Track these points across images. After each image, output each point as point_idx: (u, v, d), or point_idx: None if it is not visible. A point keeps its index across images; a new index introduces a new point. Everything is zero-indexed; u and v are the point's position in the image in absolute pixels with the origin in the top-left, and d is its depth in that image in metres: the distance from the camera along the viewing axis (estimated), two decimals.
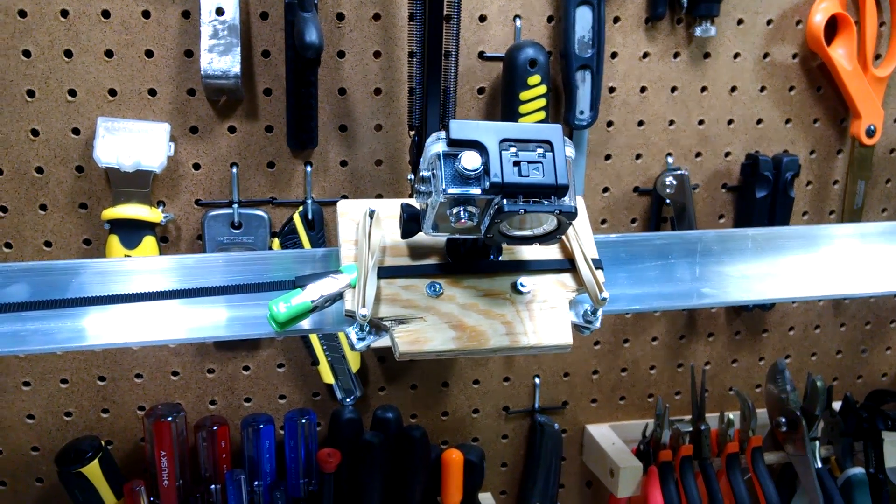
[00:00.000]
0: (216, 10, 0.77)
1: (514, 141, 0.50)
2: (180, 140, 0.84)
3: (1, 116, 0.80)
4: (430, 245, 0.60)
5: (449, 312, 0.57)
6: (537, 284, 0.59)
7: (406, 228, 0.56)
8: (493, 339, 0.56)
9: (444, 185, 0.50)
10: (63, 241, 0.85)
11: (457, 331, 0.56)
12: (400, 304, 0.57)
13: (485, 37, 0.87)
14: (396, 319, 0.56)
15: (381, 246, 0.59)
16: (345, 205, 0.61)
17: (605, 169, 0.95)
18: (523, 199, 0.49)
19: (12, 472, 0.91)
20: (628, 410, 1.06)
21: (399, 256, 0.59)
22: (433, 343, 0.55)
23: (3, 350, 0.58)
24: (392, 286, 0.57)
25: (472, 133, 0.50)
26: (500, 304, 0.58)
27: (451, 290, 0.58)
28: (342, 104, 0.86)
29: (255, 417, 0.91)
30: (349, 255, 0.58)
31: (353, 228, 0.59)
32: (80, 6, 0.78)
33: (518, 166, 0.49)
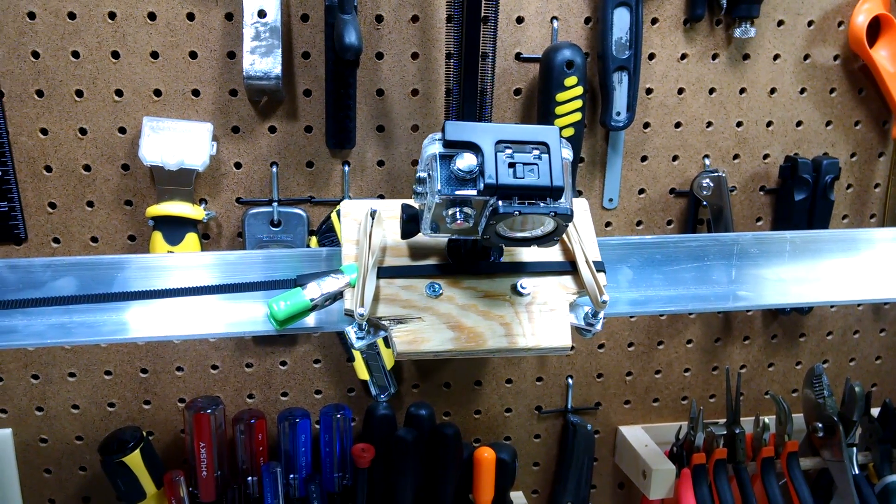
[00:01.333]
0: (258, 12, 0.79)
1: (510, 142, 0.50)
2: (222, 139, 0.86)
3: (50, 115, 0.83)
4: (431, 246, 0.60)
5: (447, 313, 0.57)
6: (538, 286, 0.59)
7: (405, 229, 0.57)
8: (491, 341, 0.56)
9: (438, 187, 0.50)
10: (109, 237, 0.87)
11: (455, 331, 0.56)
12: (399, 303, 0.57)
13: (522, 38, 0.88)
14: (395, 319, 0.56)
15: (381, 246, 0.59)
16: (348, 205, 0.61)
17: (641, 170, 0.95)
18: (518, 200, 0.49)
19: (57, 459, 0.94)
20: (662, 412, 1.06)
21: (400, 257, 0.59)
22: (431, 343, 0.56)
23: (52, 341, 0.60)
24: (392, 286, 0.58)
25: (467, 134, 0.50)
26: (500, 306, 0.58)
27: (451, 291, 0.58)
28: (380, 105, 0.87)
29: (291, 411, 0.93)
30: (350, 255, 0.59)
31: (356, 228, 0.60)
32: (127, 8, 0.81)
33: (513, 168, 0.49)
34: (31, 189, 0.84)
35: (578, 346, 1.00)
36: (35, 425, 0.92)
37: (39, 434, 0.93)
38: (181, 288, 0.61)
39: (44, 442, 0.93)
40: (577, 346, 1.01)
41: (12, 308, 0.60)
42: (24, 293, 0.61)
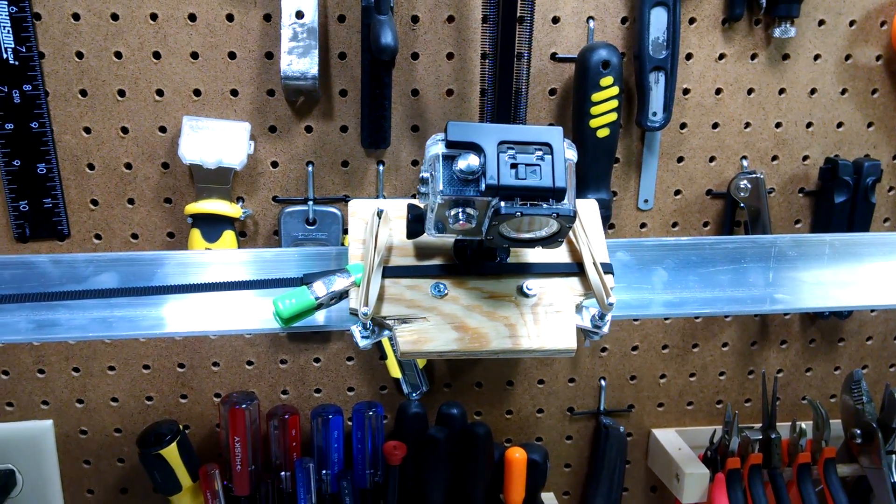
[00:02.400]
0: (296, 13, 0.80)
1: (514, 143, 0.50)
2: (259, 139, 0.87)
3: (94, 114, 0.84)
4: (437, 246, 0.60)
5: (452, 313, 0.57)
6: (544, 288, 0.58)
7: (411, 229, 0.57)
8: (496, 342, 0.56)
9: (440, 187, 0.50)
10: (148, 234, 0.89)
11: (459, 332, 0.56)
12: (404, 303, 0.57)
13: (557, 38, 0.87)
14: (399, 319, 0.56)
15: (388, 246, 0.59)
16: (356, 204, 0.61)
17: (678, 171, 0.94)
18: (521, 201, 0.49)
19: (96, 451, 0.96)
20: (696, 416, 1.05)
21: (406, 256, 0.59)
22: (434, 343, 0.55)
23: (94, 335, 0.61)
24: (397, 286, 0.57)
25: (469, 135, 0.50)
26: (505, 307, 0.57)
27: (456, 291, 0.58)
28: (415, 105, 0.88)
29: (324, 408, 0.93)
30: (356, 255, 0.59)
31: (363, 228, 0.60)
32: (168, 10, 0.82)
33: (515, 169, 0.49)
34: (74, 186, 0.86)
35: (611, 347, 1.00)
36: (75, 417, 0.94)
37: (80, 426, 0.95)
38: (187, 284, 0.61)
39: (84, 434, 0.95)
40: (610, 348, 1.00)
41: (56, 301, 0.61)
42: (67, 288, 0.62)
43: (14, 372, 0.92)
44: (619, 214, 0.95)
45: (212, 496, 0.89)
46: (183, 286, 0.61)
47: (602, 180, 0.87)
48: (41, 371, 0.92)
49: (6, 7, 0.79)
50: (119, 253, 0.64)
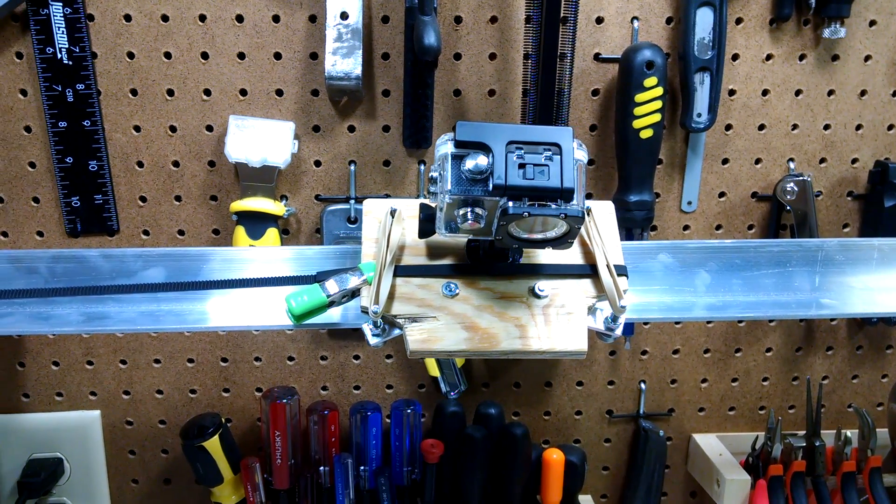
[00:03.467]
0: (341, 14, 0.81)
1: (522, 143, 0.50)
2: (303, 138, 0.88)
3: (143, 113, 0.86)
4: (450, 246, 0.60)
5: (463, 313, 0.57)
6: (556, 289, 0.58)
7: (423, 228, 0.57)
8: (505, 342, 0.56)
9: (448, 187, 0.50)
10: (195, 230, 0.91)
11: (469, 332, 0.56)
12: (415, 302, 0.57)
13: (601, 38, 0.87)
14: (410, 317, 0.56)
15: (400, 245, 0.59)
16: (370, 203, 0.62)
17: (722, 173, 0.93)
18: (529, 201, 0.49)
19: (141, 442, 0.99)
20: (737, 422, 1.03)
21: (418, 256, 0.59)
22: (444, 343, 0.55)
23: (142, 328, 0.63)
24: (408, 285, 0.58)
25: (478, 135, 0.50)
26: (516, 307, 0.57)
27: (467, 291, 0.58)
28: (457, 105, 0.88)
29: (363, 405, 0.94)
30: (369, 253, 0.59)
31: (377, 227, 0.60)
32: (216, 11, 0.84)
33: (523, 169, 0.49)
34: (123, 183, 0.88)
35: (652, 350, 0.99)
36: (122, 408, 0.97)
37: (126, 417, 0.97)
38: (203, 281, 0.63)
39: (129, 424, 0.98)
40: (650, 351, 0.99)
41: (107, 294, 0.63)
42: (117, 281, 0.64)
43: (64, 363, 0.94)
44: (661, 216, 0.94)
45: (252, 489, 0.90)
46: (198, 283, 0.63)
47: (645, 182, 0.86)
48: (90, 363, 0.95)
49: (61, 8, 0.82)
50: (166, 248, 0.66)
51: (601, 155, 0.91)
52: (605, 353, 0.99)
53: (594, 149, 0.91)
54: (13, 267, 0.65)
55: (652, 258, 0.66)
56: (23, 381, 0.95)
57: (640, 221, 0.86)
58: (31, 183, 0.88)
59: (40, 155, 0.87)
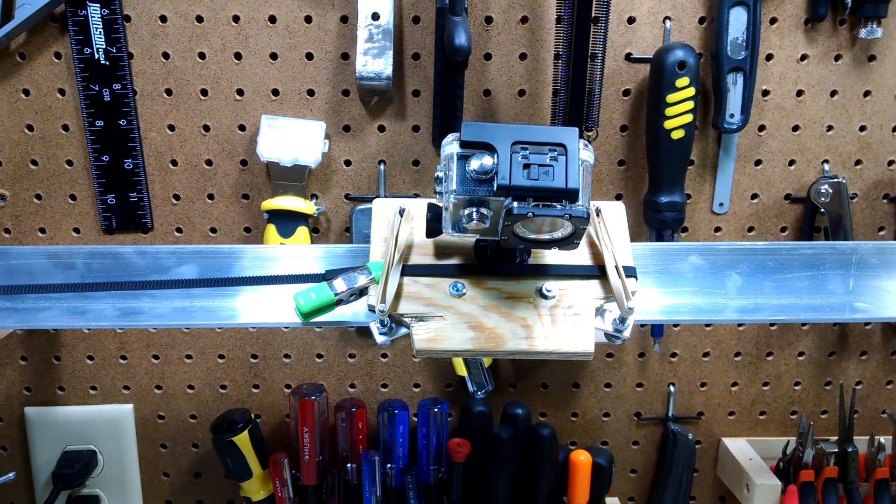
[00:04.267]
0: (372, 14, 0.82)
1: (528, 144, 0.50)
2: (334, 137, 0.89)
3: (178, 113, 0.88)
4: (458, 246, 0.60)
5: (469, 313, 0.57)
6: (564, 290, 0.58)
7: (430, 228, 0.57)
8: (511, 342, 0.56)
9: (453, 187, 0.50)
10: (227, 228, 0.92)
11: (475, 331, 0.56)
12: (422, 301, 0.57)
13: (632, 38, 0.87)
14: (416, 316, 0.57)
15: (409, 244, 0.59)
16: (380, 203, 0.62)
17: (755, 175, 0.92)
18: (534, 202, 0.49)
19: (173, 436, 1.00)
20: (768, 426, 1.02)
21: (426, 255, 0.59)
22: (450, 342, 0.56)
23: (175, 323, 0.64)
24: (416, 284, 0.58)
25: (483, 135, 0.50)
26: (523, 308, 0.57)
27: (474, 291, 0.58)
28: (486, 105, 0.88)
29: (390, 403, 0.95)
30: (378, 252, 0.60)
31: (386, 226, 0.60)
32: (249, 12, 0.85)
33: (528, 169, 0.49)
34: (158, 181, 0.90)
35: (681, 353, 0.98)
36: (154, 402, 0.98)
37: (158, 411, 0.99)
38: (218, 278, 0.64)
39: (161, 419, 0.99)
40: (680, 354, 0.98)
41: (142, 290, 0.64)
42: (151, 278, 0.65)
43: (98, 357, 0.96)
44: (692, 218, 0.93)
45: (280, 484, 0.91)
46: (211, 280, 0.64)
47: (676, 183, 0.85)
48: (123, 357, 0.96)
49: (98, 9, 0.83)
50: (199, 245, 0.67)
51: (632, 155, 0.91)
52: (634, 356, 0.98)
53: (624, 149, 0.90)
54: (51, 262, 0.66)
55: (682, 260, 0.65)
56: (58, 374, 0.97)
57: (670, 223, 0.86)
58: (68, 180, 0.89)
59: (77, 153, 0.89)
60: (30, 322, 0.64)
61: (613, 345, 0.59)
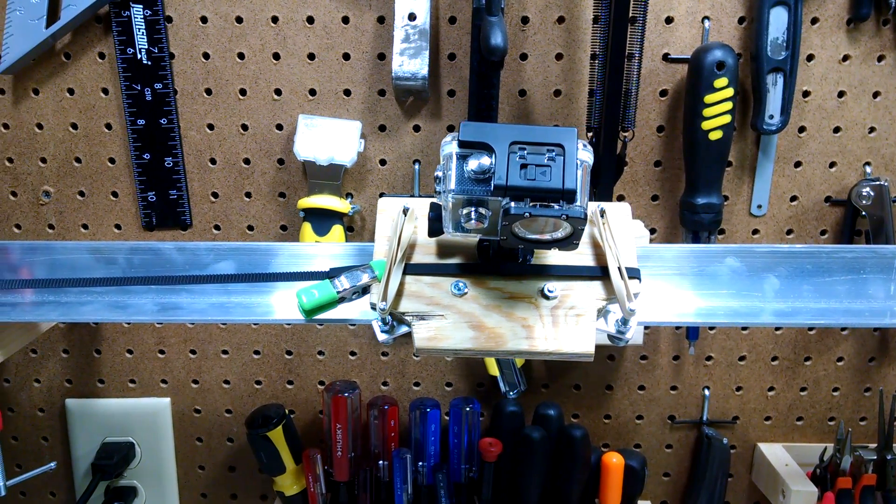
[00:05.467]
0: (409, 15, 0.82)
1: (526, 144, 0.50)
2: (369, 137, 0.89)
3: (217, 112, 0.89)
4: (461, 245, 0.60)
5: (470, 312, 0.57)
6: (566, 290, 0.58)
7: (432, 227, 0.57)
8: (512, 342, 0.56)
9: (451, 186, 0.50)
10: (263, 226, 0.93)
11: (476, 331, 0.56)
12: (423, 300, 0.57)
13: (670, 38, 0.86)
14: (418, 315, 0.57)
15: (412, 243, 0.60)
16: (385, 202, 0.62)
17: (794, 176, 0.91)
18: (531, 202, 0.49)
19: (208, 430, 1.02)
20: (805, 432, 1.00)
21: (430, 254, 0.60)
22: (450, 341, 0.56)
23: (212, 318, 0.65)
24: (419, 283, 0.58)
25: (482, 135, 0.50)
26: (524, 308, 0.57)
27: (476, 291, 0.58)
28: (522, 105, 0.88)
29: (422, 401, 0.95)
30: (381, 251, 0.60)
31: (390, 225, 0.61)
32: (288, 13, 0.86)
33: (525, 169, 0.49)
34: (197, 179, 0.91)
35: (717, 356, 0.97)
36: (190, 396, 1.00)
37: (194, 405, 1.01)
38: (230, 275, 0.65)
39: (197, 412, 1.01)
40: (715, 357, 0.97)
41: (181, 284, 0.66)
42: (190, 273, 0.67)
43: (137, 351, 0.98)
44: (730, 220, 0.92)
45: (313, 479, 0.92)
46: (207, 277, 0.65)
47: (713, 184, 0.84)
48: (161, 352, 0.98)
49: (141, 11, 0.85)
50: (237, 243, 0.68)
51: (668, 156, 0.90)
52: (669, 358, 0.98)
53: (661, 150, 0.90)
54: (93, 257, 0.68)
55: (719, 262, 0.64)
56: (98, 367, 0.99)
57: (707, 224, 0.85)
58: (110, 178, 0.91)
59: (119, 151, 0.90)
60: (72, 315, 0.66)
61: (617, 346, 0.58)
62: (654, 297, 0.64)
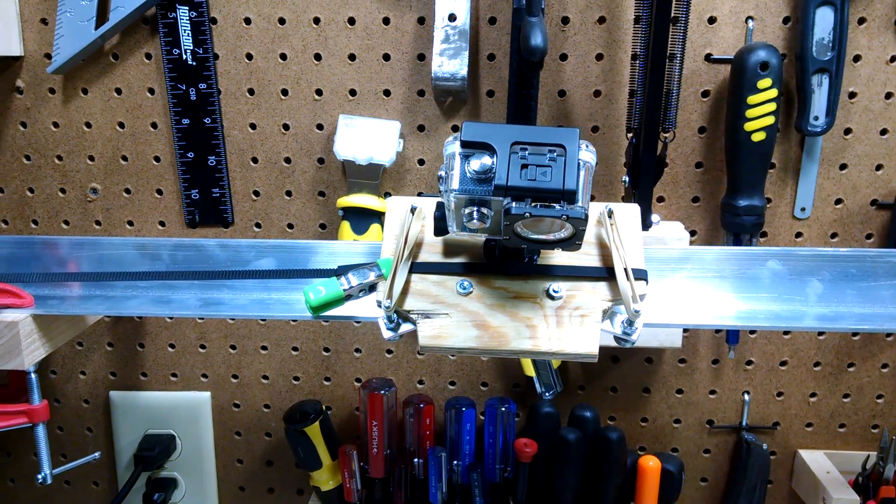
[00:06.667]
0: (449, 15, 0.82)
1: (527, 144, 0.50)
2: (408, 137, 0.90)
3: (259, 112, 0.91)
4: (468, 244, 0.60)
5: (475, 311, 0.57)
6: (572, 291, 0.58)
7: (437, 226, 0.57)
8: (515, 342, 0.56)
9: (453, 186, 0.51)
10: (303, 224, 0.94)
11: (479, 330, 0.56)
12: (429, 298, 0.58)
13: (713, 38, 0.85)
14: (422, 313, 0.57)
15: (419, 242, 0.60)
16: (394, 201, 0.62)
17: (840, 179, 0.89)
18: (532, 202, 0.49)
19: (247, 424, 1.03)
20: (847, 439, 0.98)
21: (436, 253, 0.60)
22: (453, 340, 0.56)
23: (253, 314, 0.66)
24: (424, 281, 0.59)
25: (484, 135, 0.50)
26: (529, 308, 0.57)
27: (481, 290, 0.58)
28: (561, 106, 0.88)
29: (458, 400, 0.96)
30: (389, 249, 0.60)
31: (399, 224, 0.61)
32: (329, 14, 0.87)
33: (526, 169, 0.49)
34: (239, 178, 0.93)
35: (758, 361, 0.96)
36: (230, 391, 1.02)
37: (233, 399, 1.02)
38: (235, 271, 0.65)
39: (236, 407, 1.02)
40: (756, 362, 0.96)
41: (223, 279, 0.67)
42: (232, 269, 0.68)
43: (179, 346, 1.00)
44: (772, 222, 0.91)
45: (349, 475, 0.93)
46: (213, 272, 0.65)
47: (755, 186, 0.83)
48: (203, 346, 1.00)
49: (187, 12, 0.87)
50: (277, 240, 0.69)
51: (710, 158, 0.89)
52: (708, 362, 0.96)
53: (702, 151, 0.89)
54: (139, 253, 0.70)
55: (760, 265, 0.64)
56: (142, 361, 1.01)
57: (749, 227, 0.84)
58: (155, 176, 0.93)
59: (164, 150, 0.92)
60: (118, 309, 0.68)
61: (622, 347, 0.58)
62: (694, 299, 0.63)
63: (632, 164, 0.82)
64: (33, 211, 0.96)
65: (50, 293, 0.69)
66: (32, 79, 0.91)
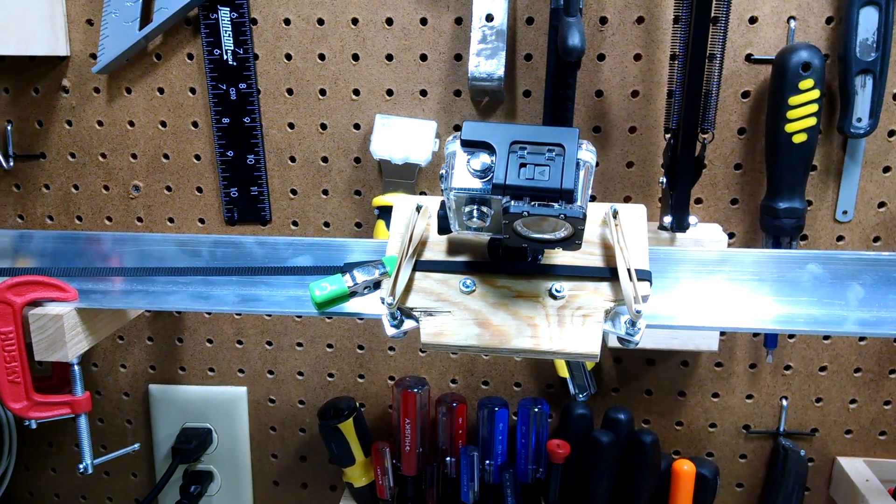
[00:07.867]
0: (486, 16, 0.83)
1: (527, 143, 0.50)
2: (444, 137, 0.90)
3: (297, 111, 0.92)
4: (472, 243, 0.60)
5: (477, 309, 0.57)
6: (574, 291, 0.58)
7: (441, 225, 0.58)
8: (516, 340, 0.56)
9: (453, 184, 0.51)
10: (339, 223, 0.95)
11: (481, 328, 0.57)
12: (432, 296, 0.58)
13: (754, 39, 0.84)
14: (425, 311, 0.58)
15: (424, 240, 0.60)
16: (400, 199, 0.63)
17: (883, 182, 0.87)
18: (531, 201, 0.49)
19: (282, 420, 1.05)
20: (889, 447, 0.96)
21: (440, 252, 0.60)
22: (455, 337, 0.57)
23: (289, 311, 0.67)
24: (428, 279, 0.59)
25: (483, 134, 0.51)
26: (531, 307, 0.57)
27: (484, 288, 0.58)
28: (598, 106, 0.88)
29: (490, 400, 0.96)
30: (394, 247, 0.61)
31: (404, 222, 0.61)
32: (368, 14, 0.88)
33: (524, 168, 0.49)
34: (277, 177, 0.94)
35: (796, 366, 0.94)
36: (266, 387, 1.03)
37: (269, 395, 1.04)
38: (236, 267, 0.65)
39: (272, 402, 1.04)
40: (794, 367, 0.94)
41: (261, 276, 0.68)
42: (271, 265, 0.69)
43: (217, 341, 1.02)
44: (813, 225, 0.89)
45: (382, 472, 0.94)
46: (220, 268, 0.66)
47: (796, 188, 0.82)
48: (240, 342, 1.01)
49: (228, 13, 0.88)
50: (314, 238, 0.70)
51: (749, 159, 0.88)
52: (745, 366, 0.95)
53: (742, 153, 0.88)
54: (179, 249, 0.71)
55: (800, 268, 0.63)
56: (180, 355, 1.03)
57: (789, 230, 0.83)
58: (195, 174, 0.95)
59: (205, 148, 0.94)
60: (159, 304, 0.69)
61: (626, 348, 0.58)
62: (731, 302, 0.62)
63: (669, 165, 0.82)
64: (78, 207, 0.98)
65: (93, 287, 0.71)
66: (78, 78, 0.93)
